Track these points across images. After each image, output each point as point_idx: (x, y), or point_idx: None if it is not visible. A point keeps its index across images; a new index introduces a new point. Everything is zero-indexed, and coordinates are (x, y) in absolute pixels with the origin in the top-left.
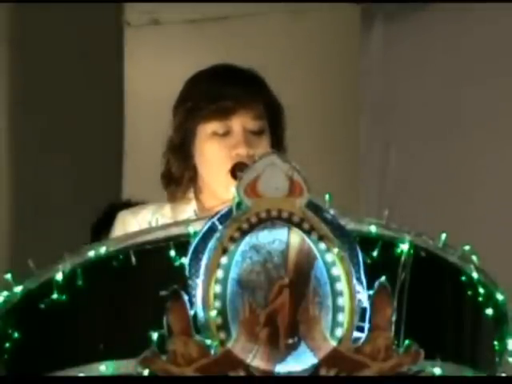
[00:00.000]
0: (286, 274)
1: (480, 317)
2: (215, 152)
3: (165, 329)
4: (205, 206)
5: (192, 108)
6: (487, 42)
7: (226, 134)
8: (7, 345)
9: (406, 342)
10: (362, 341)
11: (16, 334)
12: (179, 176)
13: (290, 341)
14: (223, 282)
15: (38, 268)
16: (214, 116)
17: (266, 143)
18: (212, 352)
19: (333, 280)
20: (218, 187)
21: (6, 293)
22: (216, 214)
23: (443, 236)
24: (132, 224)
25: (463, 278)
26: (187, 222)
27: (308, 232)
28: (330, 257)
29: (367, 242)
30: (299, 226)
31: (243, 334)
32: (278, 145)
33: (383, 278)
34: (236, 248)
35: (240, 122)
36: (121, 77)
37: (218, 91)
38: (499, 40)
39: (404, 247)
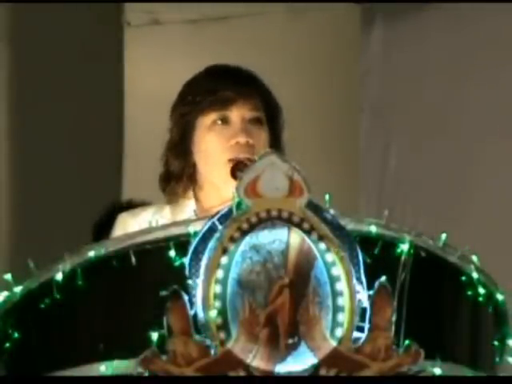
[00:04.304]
0: (286, 274)
1: (480, 317)
2: (214, 142)
3: (165, 329)
4: (204, 206)
5: (191, 102)
6: (487, 41)
7: (225, 124)
8: (7, 345)
9: (406, 342)
10: (361, 341)
11: (16, 334)
12: (179, 173)
13: (290, 341)
14: (223, 281)
15: (38, 268)
16: (212, 107)
17: (264, 133)
18: (212, 352)
19: (333, 280)
20: (218, 178)
21: (6, 293)
22: (216, 213)
23: (443, 236)
24: (132, 226)
25: (463, 278)
26: (187, 222)
27: (308, 232)
28: (330, 257)
29: (367, 241)
30: (299, 226)
31: (243, 334)
32: (275, 142)
33: (383, 278)
34: (236, 248)
35: (239, 112)
36: (121, 77)
37: (216, 84)
38: (499, 40)
39: (404, 247)
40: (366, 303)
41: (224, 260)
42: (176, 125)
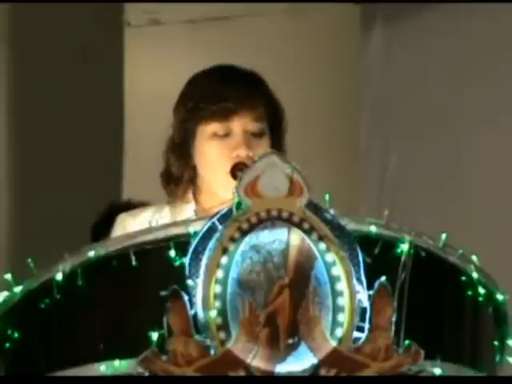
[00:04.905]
0: (286, 274)
1: (480, 317)
2: (215, 153)
3: (165, 329)
4: (204, 207)
5: (193, 108)
6: (487, 41)
7: (227, 135)
8: (7, 345)
9: (406, 342)
10: (362, 341)
11: (16, 334)
12: (179, 176)
13: (290, 341)
14: (223, 281)
15: (38, 268)
16: (214, 117)
17: (265, 145)
18: (212, 352)
19: (333, 280)
20: (218, 188)
21: (6, 293)
22: (216, 214)
23: (443, 236)
24: (132, 226)
25: (463, 278)
26: (187, 222)
27: (308, 232)
28: (330, 257)
29: (367, 241)
30: (299, 225)
31: (243, 334)
32: (277, 146)
33: (383, 278)
34: (236, 248)
35: (240, 124)
36: (121, 77)
37: (219, 92)
38: (499, 40)
39: (404, 247)
40: (366, 303)
41: (224, 260)
42: (177, 128)
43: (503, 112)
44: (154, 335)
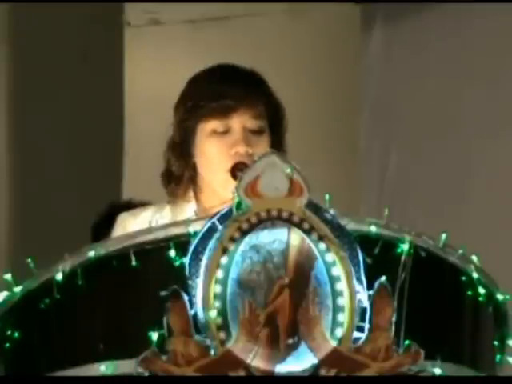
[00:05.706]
0: (286, 274)
1: (480, 317)
2: (215, 150)
3: (165, 329)
4: (205, 206)
5: (192, 106)
6: (487, 41)
7: (226, 132)
8: (7, 345)
9: (406, 342)
10: (362, 341)
11: (16, 334)
12: (179, 174)
13: (290, 341)
14: (223, 281)
15: (38, 268)
16: (214, 114)
17: (265, 143)
18: (212, 352)
19: (333, 280)
20: (218, 185)
21: (6, 293)
22: (216, 213)
23: (443, 236)
24: (132, 226)
25: (463, 278)
26: (187, 222)
27: (308, 232)
28: (330, 257)
29: (367, 241)
30: (299, 225)
31: (243, 334)
32: (278, 145)
33: (383, 278)
34: (236, 248)
35: (240, 121)
36: (121, 77)
37: (218, 90)
38: (499, 40)
39: (404, 247)
40: (366, 303)
41: (224, 260)
42: (177, 127)
43: (503, 112)
44: (154, 335)
